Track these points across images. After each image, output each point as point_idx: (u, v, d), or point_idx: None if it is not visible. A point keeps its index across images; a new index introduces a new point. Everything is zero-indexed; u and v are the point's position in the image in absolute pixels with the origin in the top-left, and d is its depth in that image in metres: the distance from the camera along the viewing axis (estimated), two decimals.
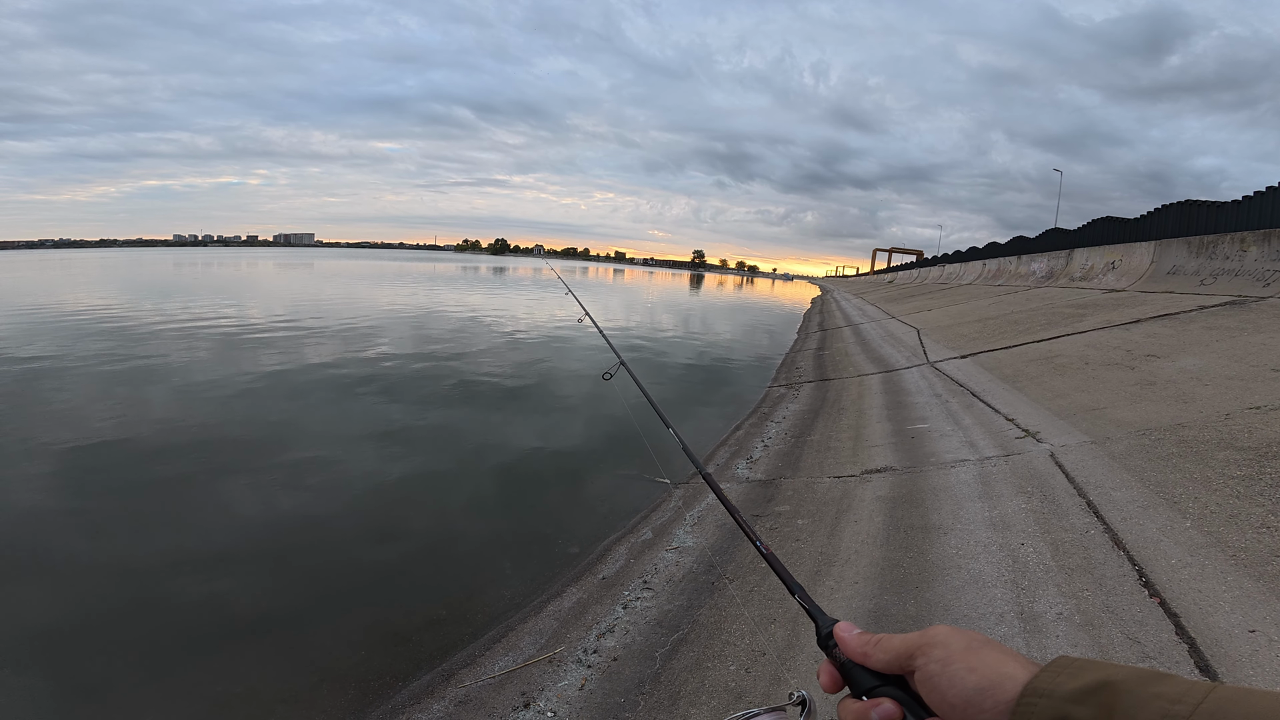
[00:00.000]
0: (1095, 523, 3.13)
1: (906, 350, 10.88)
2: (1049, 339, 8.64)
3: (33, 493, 5.11)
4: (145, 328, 14.21)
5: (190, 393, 8.30)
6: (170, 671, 3.07)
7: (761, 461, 5.68)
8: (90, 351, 11.00)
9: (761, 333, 19.05)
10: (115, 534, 4.48)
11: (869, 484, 4.45)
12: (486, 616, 3.53)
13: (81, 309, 17.89)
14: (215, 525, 4.65)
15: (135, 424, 6.94)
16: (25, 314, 16.48)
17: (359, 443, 6.54)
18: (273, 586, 3.85)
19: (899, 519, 3.69)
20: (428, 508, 5.10)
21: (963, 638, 0.53)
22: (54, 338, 12.43)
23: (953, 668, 0.51)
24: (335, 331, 14.16)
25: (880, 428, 6.01)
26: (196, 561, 4.09)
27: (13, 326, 13.93)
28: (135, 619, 3.49)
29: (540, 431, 7.22)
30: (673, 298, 37.87)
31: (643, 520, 4.70)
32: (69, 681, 2.99)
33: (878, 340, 13.27)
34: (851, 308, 24.61)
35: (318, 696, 2.88)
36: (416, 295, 26.67)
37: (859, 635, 0.60)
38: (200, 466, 5.74)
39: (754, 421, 7.55)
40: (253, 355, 11.09)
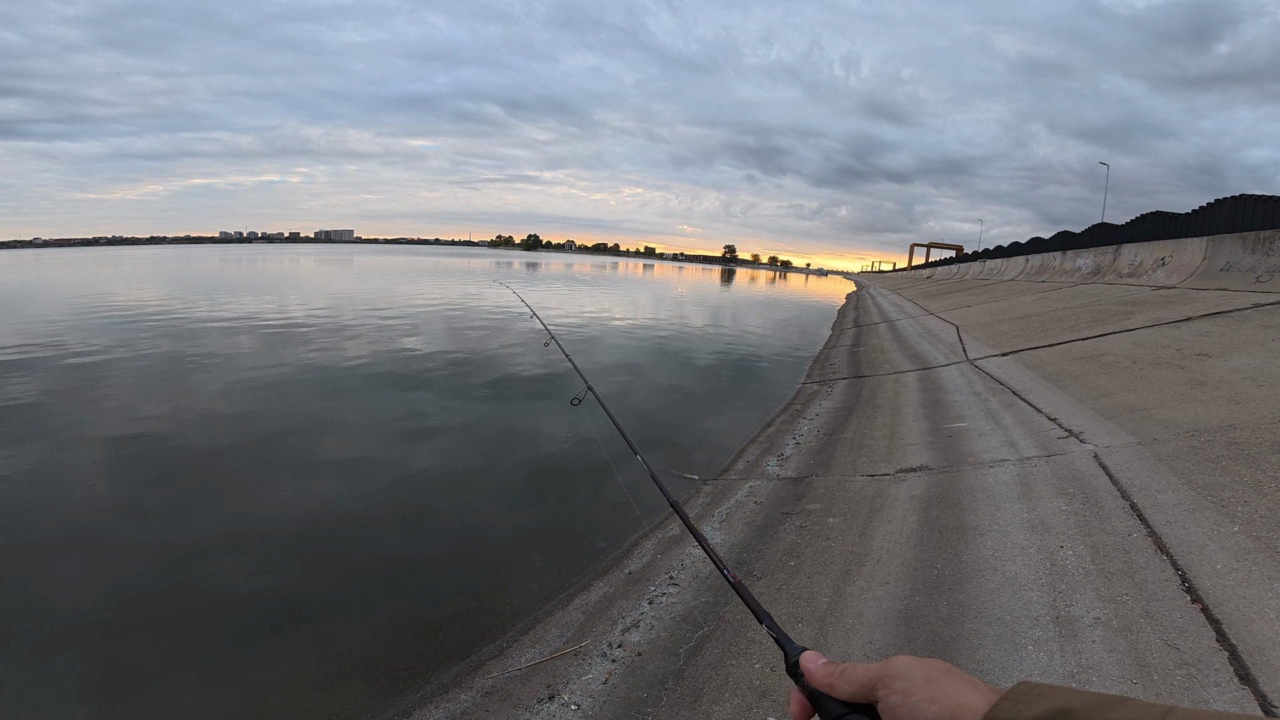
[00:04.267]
0: (1138, 526, 3.03)
1: (945, 347, 10.66)
2: (1095, 337, 8.36)
3: (85, 479, 5.33)
4: (193, 322, 14.74)
5: (234, 385, 8.57)
6: (207, 656, 3.16)
7: (793, 459, 5.63)
8: (141, 345, 11.45)
9: (794, 328, 18.85)
10: (159, 520, 4.64)
11: (903, 483, 4.37)
12: (515, 609, 3.57)
13: (134, 305, 18.63)
14: (253, 513, 4.79)
15: (181, 414, 7.21)
16: (82, 310, 17.23)
17: (392, 435, 6.67)
18: (307, 575, 3.95)
19: (933, 519, 3.63)
20: (459, 500, 5.17)
21: (923, 668, 0.53)
22: (108, 332, 12.96)
23: (912, 699, 0.51)
24: (372, 326, 14.46)
25: (916, 426, 5.90)
26: (234, 549, 4.22)
27: (71, 322, 14.57)
28: (174, 604, 3.61)
29: (569, 425, 7.26)
30: (703, 293, 37.70)
31: (670, 516, 4.70)
32: (111, 663, 3.10)
33: (915, 337, 13.02)
34: (888, 304, 24.18)
35: (349, 685, 2.95)
36: (450, 290, 27.06)
37: (824, 665, 0.61)
38: (240, 456, 5.93)
39: (786, 418, 7.48)
40: (293, 349, 11.40)
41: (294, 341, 12.24)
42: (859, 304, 27.32)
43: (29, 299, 21.04)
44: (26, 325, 13.85)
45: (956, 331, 12.18)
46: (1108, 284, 14.59)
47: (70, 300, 19.93)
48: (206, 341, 12.00)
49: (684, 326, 17.73)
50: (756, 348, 14.13)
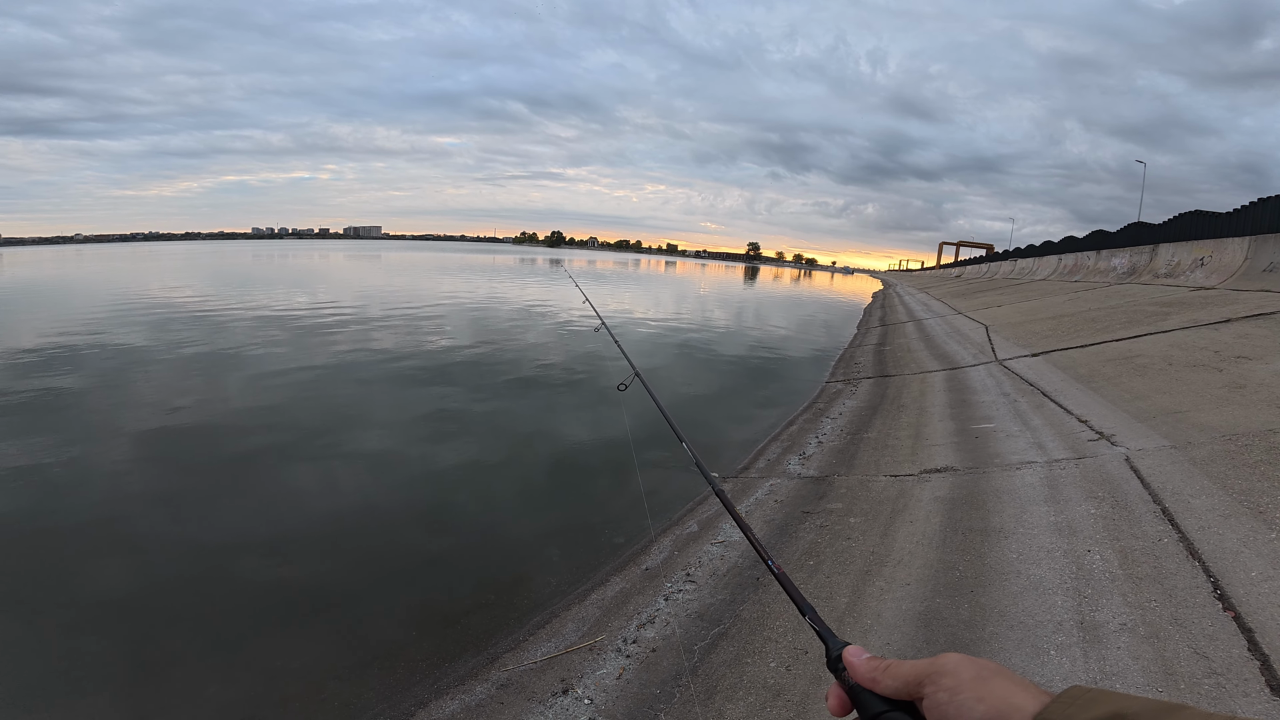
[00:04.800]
0: (1169, 530, 2.94)
1: (973, 347, 10.47)
2: (1129, 338, 8.15)
3: (121, 468, 5.49)
4: (225, 317, 15.08)
5: (263, 378, 8.76)
6: (231, 644, 3.23)
7: (815, 458, 5.58)
8: (177, 339, 11.76)
9: (818, 327, 18.68)
10: (190, 509, 4.76)
11: (927, 484, 4.31)
12: (532, 602, 3.59)
13: (169, 299, 19.13)
14: (278, 505, 4.88)
15: (214, 406, 7.39)
16: (120, 304, 17.74)
17: (415, 429, 6.75)
18: (329, 566, 4.02)
19: (957, 520, 3.57)
20: (479, 494, 5.22)
21: (973, 667, 0.52)
22: (145, 326, 13.35)
23: (961, 697, 0.50)
24: (398, 321, 14.65)
25: (942, 426, 5.81)
26: (261, 539, 4.31)
27: (110, 316, 15.01)
28: (202, 591, 3.70)
29: (590, 422, 7.29)
30: (726, 290, 37.52)
31: (689, 513, 4.69)
32: (139, 647, 3.19)
33: (942, 336, 12.82)
34: (915, 303, 23.84)
35: (368, 675, 2.99)
36: (475, 286, 27.30)
37: (868, 660, 0.60)
38: (268, 448, 6.05)
39: (808, 417, 7.42)
40: (322, 343, 11.61)
41: (324, 335, 12.46)
42: (886, 303, 26.97)
43: (71, 294, 21.75)
44: (68, 319, 14.31)
45: (985, 331, 11.96)
46: (1144, 284, 14.20)
47: (109, 295, 20.54)
48: (246, 335, 12.28)
49: (706, 324, 17.66)
50: (779, 346, 14.02)
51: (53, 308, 17.01)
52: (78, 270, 38.29)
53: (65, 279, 30.55)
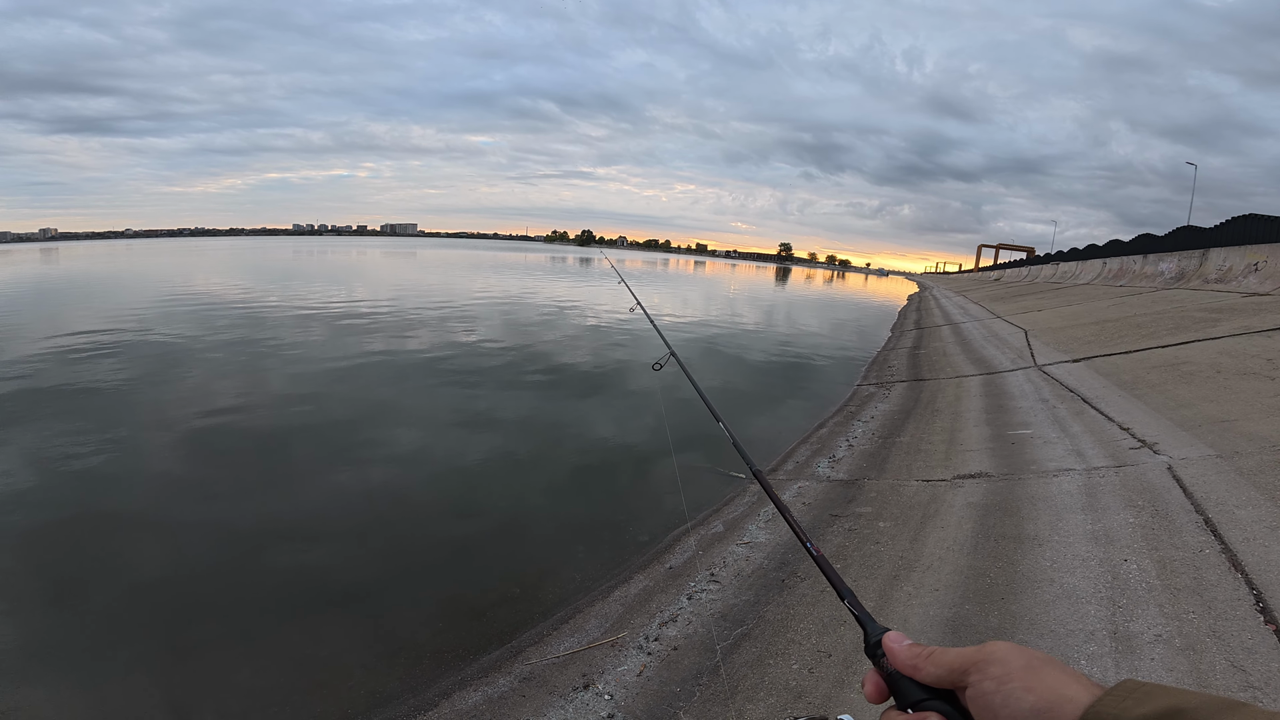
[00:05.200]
0: (1212, 541, 2.85)
1: (1011, 352, 10.24)
2: (1176, 344, 7.89)
3: (162, 458, 5.68)
4: (266, 311, 15.52)
5: (301, 371, 8.99)
6: (262, 630, 3.31)
7: (845, 461, 5.52)
8: (219, 332, 12.14)
9: (850, 329, 18.44)
10: (227, 499, 4.90)
11: (960, 489, 4.24)
12: (556, 597, 3.62)
13: (213, 294, 19.75)
14: (311, 495, 5.00)
15: (251, 398, 7.62)
16: (167, 298, 18.38)
17: (445, 424, 6.85)
18: (359, 556, 4.10)
19: (990, 527, 3.50)
20: (507, 489, 5.28)
21: (1022, 656, 0.50)
22: (189, 319, 13.81)
23: (1009, 686, 0.48)
24: (432, 318, 14.88)
25: (977, 432, 5.70)
26: (294, 529, 4.42)
27: (156, 310, 15.57)
28: (235, 578, 3.80)
29: (616, 419, 7.31)
30: (756, 291, 37.25)
31: (714, 513, 4.68)
32: (173, 631, 3.29)
33: (980, 341, 12.55)
34: (952, 306, 23.37)
35: (395, 665, 3.04)
36: (507, 284, 27.59)
37: (910, 646, 0.58)
38: (303, 439, 6.21)
39: (839, 420, 7.34)
40: (357, 338, 11.87)
41: (360, 330, 12.73)
42: (921, 305, 26.50)
43: (121, 287, 22.60)
44: (118, 312, 14.89)
45: (1025, 336, 11.68)
46: (1192, 289, 13.72)
47: (156, 289, 21.30)
48: (285, 329, 12.62)
49: (735, 324, 17.56)
50: (810, 348, 13.88)
51: (104, 301, 17.71)
52: (128, 264, 39.78)
53: (116, 273, 31.78)
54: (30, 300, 18.19)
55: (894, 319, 21.64)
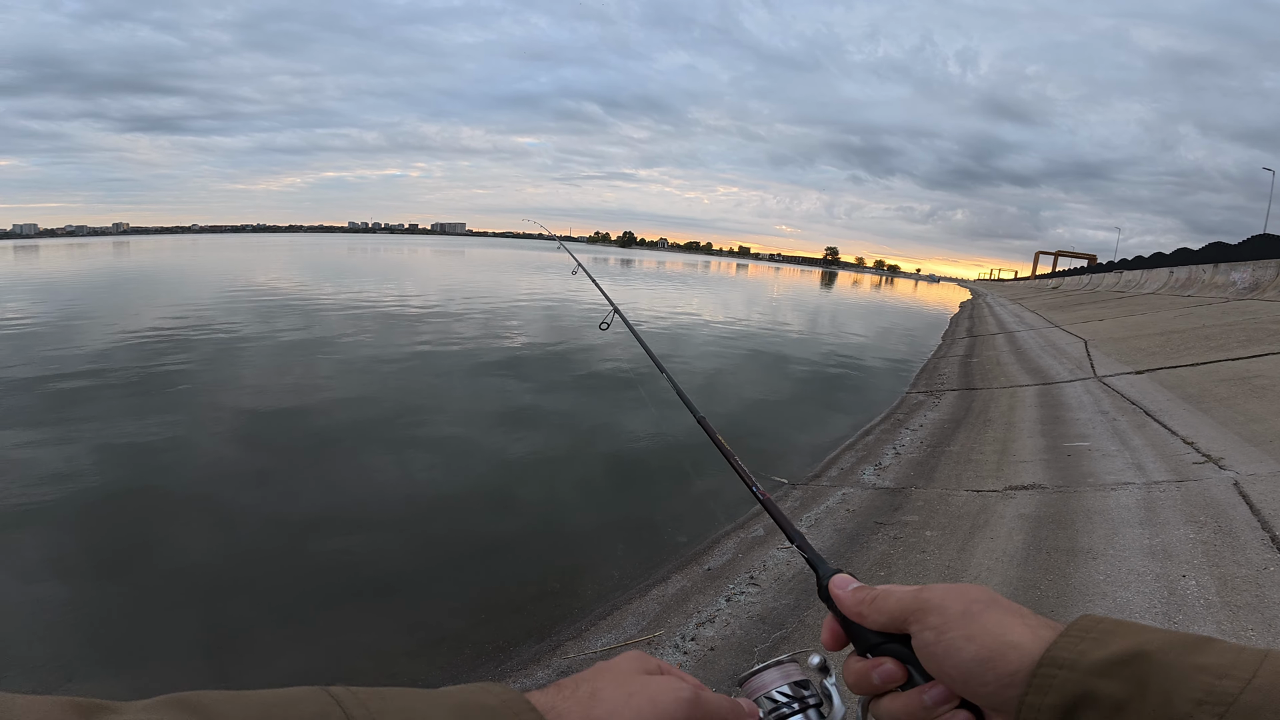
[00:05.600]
0: (1277, 559, 2.76)
1: (1070, 362, 9.93)
2: (1247, 357, 7.54)
3: (217, 445, 5.95)
4: (321, 306, 16.14)
5: (352, 366, 9.32)
6: (308, 616, 3.41)
7: (891, 469, 5.47)
8: (276, 325, 12.69)
9: (899, 336, 18.09)
10: (276, 487, 5.09)
11: (1012, 500, 4.17)
12: (594, 594, 3.65)
13: (273, 288, 20.60)
14: (359, 486, 5.15)
15: (303, 389, 7.95)
16: (229, 291, 19.26)
17: (488, 419, 6.99)
18: (403, 547, 4.20)
19: (1042, 539, 3.45)
20: (547, 485, 5.34)
21: (960, 600, 0.47)
22: (248, 312, 14.44)
23: (949, 636, 0.45)
24: (478, 315, 15.18)
25: (1031, 443, 5.57)
26: (340, 518, 4.56)
27: (219, 303, 16.34)
28: (283, 565, 3.92)
29: (655, 419, 7.30)
30: (800, 295, 36.81)
31: (755, 517, 4.65)
32: (221, 613, 3.40)
33: (1036, 350, 12.19)
34: (1007, 314, 22.70)
35: (437, 654, 3.11)
36: (550, 284, 27.90)
37: (854, 591, 0.54)
38: (351, 431, 6.44)
39: (886, 427, 7.25)
40: (406, 333, 12.25)
41: (409, 326, 13.12)
42: (974, 313, 25.80)
43: (187, 281, 23.77)
44: (184, 305, 15.69)
45: (1084, 346, 11.30)
46: (1268, 301, 13.03)
47: (220, 283, 22.35)
48: (337, 324, 13.12)
49: (778, 329, 17.41)
50: (856, 354, 13.66)
51: (172, 294, 18.66)
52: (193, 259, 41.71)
53: (183, 266, 33.41)
54: (105, 292, 19.30)
55: (945, 326, 21.13)
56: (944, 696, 0.46)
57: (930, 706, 0.46)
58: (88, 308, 15.05)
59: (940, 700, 0.46)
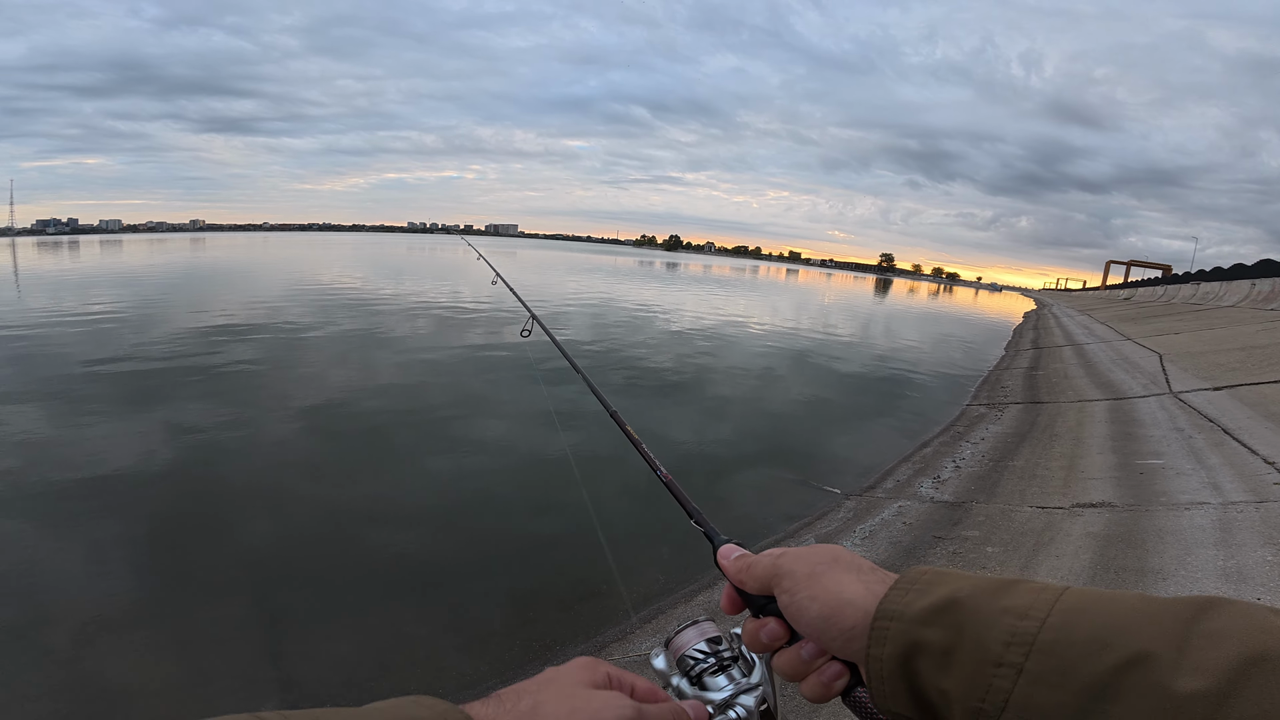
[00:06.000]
0: None
1: (1143, 377, 9.51)
2: None
3: (275, 433, 6.20)
4: (380, 303, 16.74)
5: (406, 362, 9.63)
6: (362, 607, 3.49)
7: (951, 482, 5.37)
8: (337, 321, 13.22)
9: (957, 346, 17.55)
10: (333, 479, 5.26)
11: (1079, 518, 4.06)
12: (640, 596, 3.64)
13: (336, 285, 21.46)
14: (412, 480, 5.29)
15: (361, 383, 8.25)
16: (295, 287, 20.15)
17: (536, 417, 7.08)
18: (454, 542, 4.28)
19: (1110, 559, 3.36)
20: (593, 485, 5.31)
21: (807, 563, 0.50)
22: (313, 308, 15.11)
23: (798, 597, 0.49)
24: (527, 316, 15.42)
25: (1100, 460, 5.40)
26: (394, 511, 4.67)
27: (286, 298, 17.10)
28: (338, 556, 4.02)
29: (700, 425, 7.26)
30: (853, 301, 36.08)
31: (805, 527, 4.61)
32: (276, 600, 3.51)
33: (1106, 363, 11.71)
34: (1075, 325, 21.81)
35: (485, 649, 3.15)
36: (596, 285, 28.11)
37: (735, 560, 0.57)
38: (403, 427, 6.62)
39: (945, 440, 7.10)
40: (459, 332, 12.59)
41: (463, 324, 13.48)
42: (1039, 323, 24.87)
43: (257, 277, 24.95)
44: (252, 299, 16.52)
45: (1159, 360, 10.80)
46: None
47: (288, 279, 23.42)
48: (395, 321, 13.59)
49: (829, 336, 17.11)
50: (913, 363, 13.34)
51: (242, 289, 19.64)
52: (264, 255, 43.73)
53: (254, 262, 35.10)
54: (181, 286, 20.40)
55: (1008, 337, 20.43)
56: (817, 651, 0.49)
57: (808, 660, 0.50)
58: (166, 301, 15.95)
59: (814, 654, 0.50)
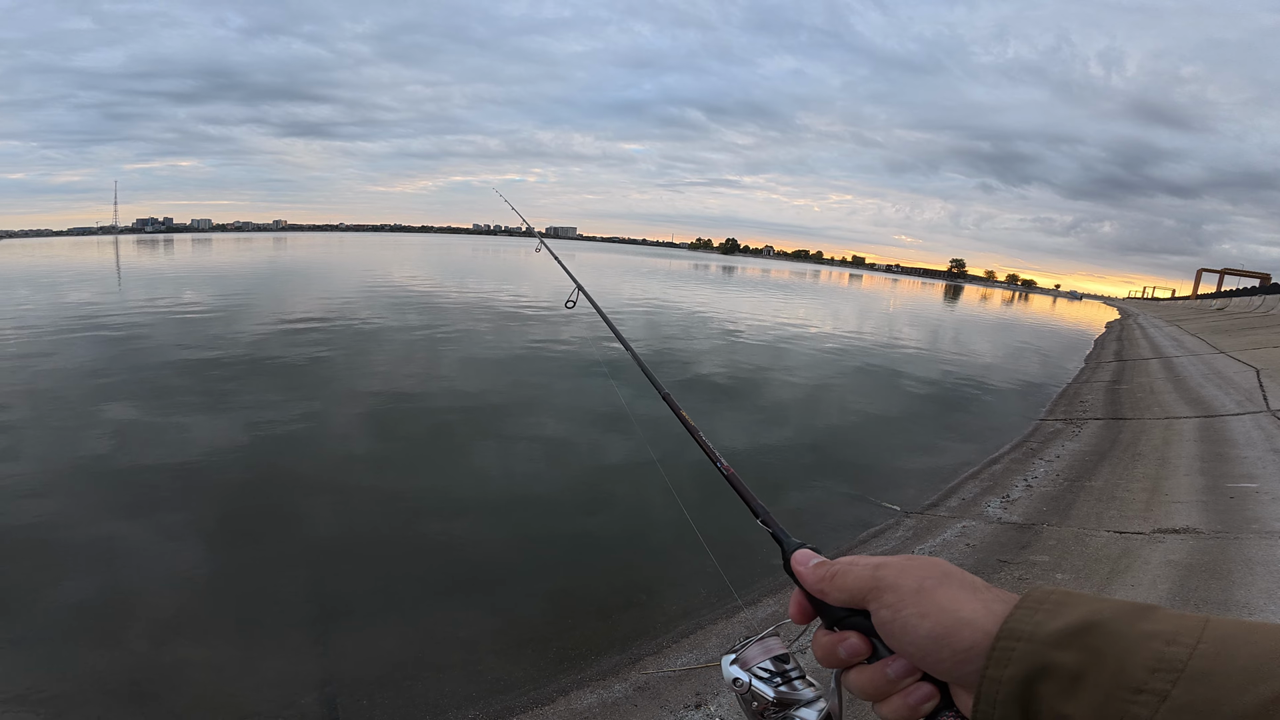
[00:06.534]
0: None
1: (1237, 393, 8.79)
2: None
3: (345, 429, 6.42)
4: (446, 302, 17.23)
5: (468, 359, 9.86)
6: (408, 604, 3.55)
7: (1021, 502, 5.06)
8: (406, 318, 13.65)
9: (1032, 357, 16.65)
10: (392, 473, 5.40)
11: (1160, 545, 3.75)
12: (680, 610, 3.56)
13: (406, 285, 22.21)
14: (466, 479, 5.37)
15: (424, 380, 8.47)
16: (368, 286, 20.95)
17: (588, 419, 7.12)
18: (502, 543, 4.31)
19: (1191, 589, 3.08)
20: (641, 492, 5.29)
21: (914, 576, 0.47)
22: (384, 306, 15.65)
23: (903, 614, 0.46)
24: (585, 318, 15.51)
25: (1188, 482, 5.00)
26: (446, 510, 4.75)
27: (360, 296, 17.78)
28: (389, 551, 4.12)
29: (753, 433, 7.11)
30: (920, 308, 34.77)
31: (858, 545, 4.43)
32: (329, 592, 3.60)
33: (1197, 378, 10.89)
34: (1162, 336, 20.44)
35: (522, 655, 3.14)
36: (650, 288, 28.10)
37: (815, 568, 0.54)
38: (462, 422, 6.77)
39: (1016, 457, 6.71)
40: (520, 331, 12.80)
41: (523, 325, 13.71)
42: (1123, 334, 23.42)
43: (334, 275, 26.08)
44: (329, 296, 17.25)
45: (1256, 375, 9.97)
46: None
47: (362, 278, 24.41)
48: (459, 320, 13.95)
49: (893, 343, 16.52)
50: (982, 375, 12.70)
51: (320, 286, 20.57)
52: (340, 255, 45.71)
53: (331, 261, 36.75)
54: (264, 283, 21.57)
55: (1088, 348, 19.29)
56: (906, 670, 0.47)
57: (894, 679, 0.47)
58: (250, 297, 16.87)
59: (903, 673, 0.47)
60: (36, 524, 4.21)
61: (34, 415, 6.42)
